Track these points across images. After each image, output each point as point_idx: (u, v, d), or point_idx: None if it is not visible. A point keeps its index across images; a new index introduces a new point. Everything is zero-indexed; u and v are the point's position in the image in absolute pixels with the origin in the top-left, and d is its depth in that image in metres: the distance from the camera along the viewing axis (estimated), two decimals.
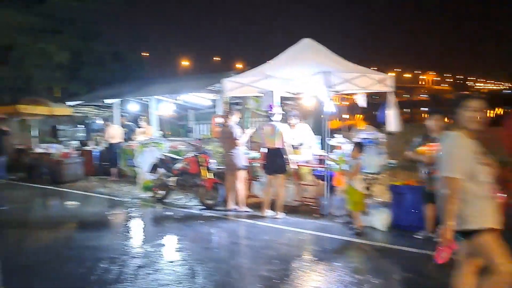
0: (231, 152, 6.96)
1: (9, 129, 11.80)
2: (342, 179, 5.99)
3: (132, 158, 10.30)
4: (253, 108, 9.81)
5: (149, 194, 8.32)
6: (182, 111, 13.10)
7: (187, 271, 4.29)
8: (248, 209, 6.96)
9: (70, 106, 12.90)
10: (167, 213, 7.16)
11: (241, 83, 7.45)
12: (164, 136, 12.22)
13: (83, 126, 14.87)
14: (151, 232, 6.23)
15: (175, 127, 14.32)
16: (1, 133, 11.27)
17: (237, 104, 10.18)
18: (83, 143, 12.80)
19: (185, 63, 38.44)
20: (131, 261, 4.61)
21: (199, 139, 9.26)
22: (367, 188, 6.04)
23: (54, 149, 11.47)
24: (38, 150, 11.98)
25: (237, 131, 7.01)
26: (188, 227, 6.21)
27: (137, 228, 6.52)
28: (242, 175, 7.02)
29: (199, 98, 11.57)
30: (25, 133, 13.86)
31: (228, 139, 7.03)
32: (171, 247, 5.36)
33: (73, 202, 7.99)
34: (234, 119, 7.15)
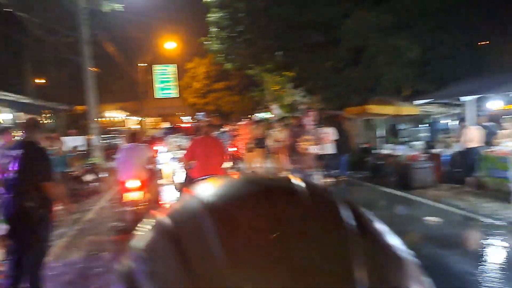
0: None
1: (350, 129, 11.73)
2: None
3: (496, 167, 8.37)
4: None
5: None
6: None
7: None
8: None
9: (417, 105, 11.98)
10: None
11: None
12: None
13: (427, 125, 13.75)
14: None
15: None
16: (345, 133, 11.10)
17: None
18: (429, 145, 11.67)
19: None
20: None
21: None
22: None
23: (401, 150, 10.90)
24: (383, 150, 11.77)
25: None
26: None
27: None
28: None
29: None
30: (370, 133, 14.11)
31: None
32: None
33: (434, 218, 6.90)
34: None
